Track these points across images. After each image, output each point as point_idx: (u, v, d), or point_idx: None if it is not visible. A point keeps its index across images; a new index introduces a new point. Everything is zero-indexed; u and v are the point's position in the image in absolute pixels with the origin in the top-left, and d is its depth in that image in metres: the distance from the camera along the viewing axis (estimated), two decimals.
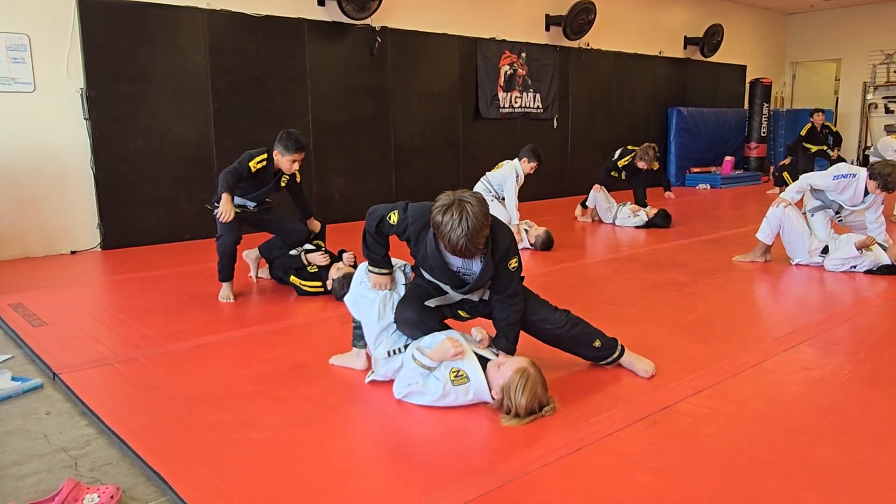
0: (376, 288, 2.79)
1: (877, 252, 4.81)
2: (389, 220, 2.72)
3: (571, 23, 9.46)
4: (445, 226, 2.44)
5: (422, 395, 2.55)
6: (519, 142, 9.33)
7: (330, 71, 7.38)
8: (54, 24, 5.76)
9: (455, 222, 2.42)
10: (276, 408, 2.59)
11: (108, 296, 4.59)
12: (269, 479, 2.05)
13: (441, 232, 2.47)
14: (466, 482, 2.02)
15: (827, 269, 4.93)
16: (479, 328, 2.77)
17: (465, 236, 2.41)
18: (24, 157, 5.73)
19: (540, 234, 5.84)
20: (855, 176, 4.87)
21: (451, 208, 2.45)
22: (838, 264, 4.88)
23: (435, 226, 2.50)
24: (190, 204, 6.57)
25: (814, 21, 13.90)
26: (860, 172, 4.89)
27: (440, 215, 2.46)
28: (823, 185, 4.99)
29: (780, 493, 1.96)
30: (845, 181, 4.88)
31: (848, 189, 4.89)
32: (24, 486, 2.09)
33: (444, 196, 2.52)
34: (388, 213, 2.73)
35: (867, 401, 2.62)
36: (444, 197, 2.51)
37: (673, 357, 3.10)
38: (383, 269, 2.80)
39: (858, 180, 4.86)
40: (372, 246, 2.78)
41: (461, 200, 2.46)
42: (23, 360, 3.27)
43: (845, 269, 4.85)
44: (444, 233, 2.45)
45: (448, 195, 2.52)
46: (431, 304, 2.80)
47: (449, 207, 2.46)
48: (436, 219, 2.48)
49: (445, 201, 2.48)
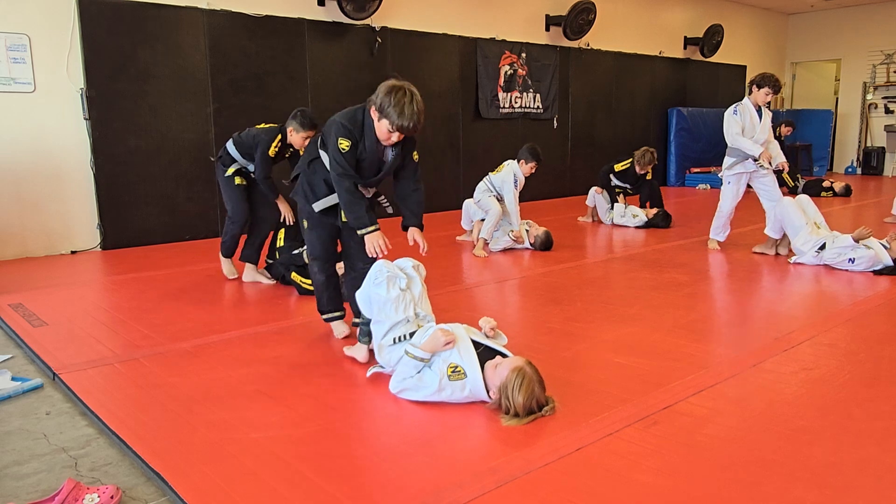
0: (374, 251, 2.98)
1: (877, 250, 4.81)
2: (343, 148, 2.92)
3: (571, 23, 9.46)
4: (397, 104, 2.76)
5: (417, 391, 2.56)
6: (519, 142, 9.32)
7: (330, 71, 7.38)
8: (54, 24, 5.76)
9: (407, 100, 2.77)
10: (276, 408, 2.59)
11: (108, 296, 4.59)
12: (269, 479, 2.05)
13: (389, 111, 2.78)
14: (466, 482, 2.02)
15: (825, 262, 4.96)
16: (487, 318, 2.80)
17: (418, 112, 2.80)
18: (24, 157, 5.73)
19: (539, 235, 5.84)
20: (740, 101, 5.48)
21: (398, 90, 2.79)
22: (835, 255, 4.91)
23: (381, 107, 2.81)
24: (190, 204, 6.57)
25: (814, 21, 13.91)
26: (743, 100, 5.48)
27: (389, 96, 2.78)
28: (734, 128, 5.40)
29: (779, 493, 1.96)
30: (738, 108, 5.44)
31: (745, 114, 5.41)
32: (24, 486, 2.09)
33: (386, 83, 2.84)
34: (336, 147, 2.92)
35: (867, 401, 2.62)
36: (386, 84, 2.83)
37: (673, 357, 3.10)
38: (373, 226, 2.98)
39: (747, 103, 5.44)
40: (350, 200, 2.96)
41: (405, 85, 2.81)
42: (23, 360, 3.27)
43: (843, 262, 4.87)
44: (395, 110, 2.77)
45: (389, 82, 2.84)
46: (317, 209, 3.13)
47: (397, 89, 2.79)
48: (384, 100, 2.79)
49: (391, 85, 2.81)
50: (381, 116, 2.85)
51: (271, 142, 4.35)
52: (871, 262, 4.79)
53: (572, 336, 3.48)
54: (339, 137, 2.93)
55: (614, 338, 3.42)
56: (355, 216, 2.99)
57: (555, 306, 4.05)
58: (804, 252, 5.08)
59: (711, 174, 11.31)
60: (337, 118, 2.99)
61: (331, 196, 3.12)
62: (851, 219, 7.65)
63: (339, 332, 3.40)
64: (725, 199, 5.73)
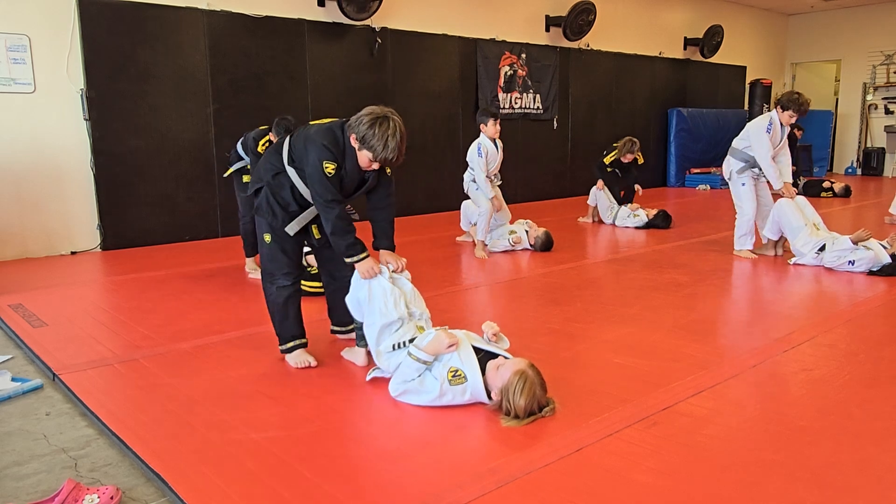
0: (368, 277, 2.81)
1: (876, 250, 4.81)
2: (328, 171, 2.77)
3: (571, 23, 9.46)
4: (381, 136, 2.68)
5: (418, 395, 2.56)
6: (519, 142, 9.36)
7: (330, 71, 7.38)
8: (54, 24, 5.76)
9: (391, 132, 2.70)
10: (276, 408, 2.59)
11: (108, 296, 4.59)
12: (269, 479, 2.05)
13: (373, 143, 2.69)
14: (466, 482, 2.02)
15: (825, 265, 4.95)
16: (490, 323, 2.80)
17: (401, 142, 2.72)
18: (24, 157, 5.73)
19: (539, 235, 5.83)
20: (768, 114, 5.33)
21: (382, 120, 2.71)
22: (835, 258, 4.90)
23: (364, 138, 2.71)
24: (190, 204, 6.57)
25: (814, 22, 13.91)
26: (770, 113, 5.34)
27: (372, 128, 2.69)
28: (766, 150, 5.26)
29: (780, 493, 1.96)
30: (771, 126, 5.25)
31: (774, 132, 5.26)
32: (24, 486, 2.09)
33: (369, 110, 2.76)
34: (321, 171, 2.76)
35: (867, 401, 2.62)
36: (368, 113, 2.74)
37: (673, 357, 3.10)
38: (362, 253, 2.83)
39: (776, 119, 5.27)
40: (341, 228, 2.80)
41: (388, 113, 2.74)
42: (23, 361, 3.27)
43: (844, 265, 4.86)
44: (377, 142, 2.68)
45: (372, 109, 2.76)
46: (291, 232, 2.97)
47: (381, 120, 2.71)
48: (366, 132, 2.70)
49: (374, 114, 2.73)
50: (362, 146, 2.74)
51: (259, 139, 4.65)
52: (871, 263, 4.79)
53: (572, 336, 3.47)
54: (323, 160, 2.75)
55: (614, 338, 3.42)
56: (346, 244, 2.81)
57: (555, 307, 4.05)
58: (804, 253, 5.08)
59: (711, 175, 11.31)
60: (316, 138, 2.80)
61: (303, 214, 2.96)
62: (851, 220, 7.65)
63: (304, 362, 3.02)
64: (745, 201, 5.47)
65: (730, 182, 5.60)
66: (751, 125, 5.38)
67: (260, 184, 2.99)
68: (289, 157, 2.91)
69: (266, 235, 2.98)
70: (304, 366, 3.00)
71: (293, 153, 2.90)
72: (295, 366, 3.00)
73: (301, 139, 2.89)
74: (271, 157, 2.99)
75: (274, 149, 3.01)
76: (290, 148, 2.92)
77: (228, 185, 6.76)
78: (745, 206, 5.47)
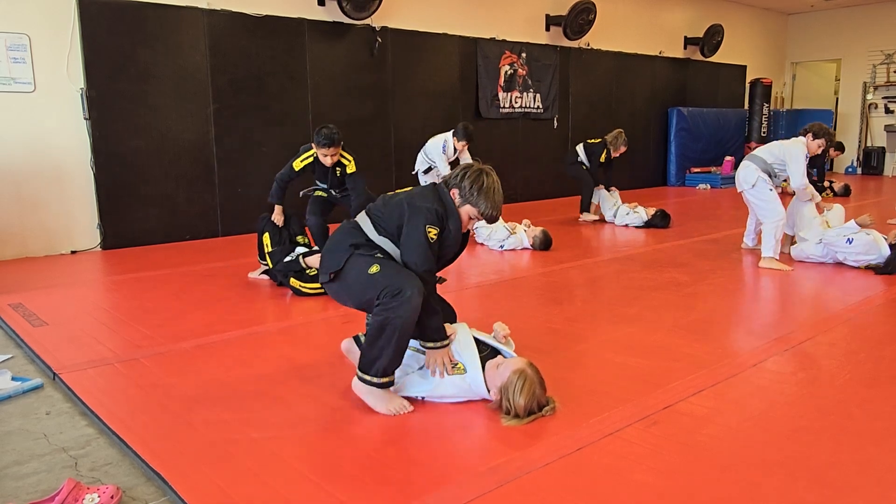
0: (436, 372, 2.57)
1: (875, 237, 4.89)
2: (431, 236, 2.50)
3: (571, 23, 9.45)
4: (487, 191, 2.55)
5: (419, 386, 2.57)
6: (519, 142, 9.37)
7: (330, 71, 7.38)
8: (54, 24, 5.76)
9: (495, 187, 2.59)
10: (276, 408, 2.59)
11: (108, 296, 4.59)
12: (270, 479, 2.05)
13: (478, 200, 2.55)
14: (466, 482, 2.02)
15: (826, 243, 5.04)
16: (502, 324, 2.82)
17: (501, 200, 2.62)
18: (24, 157, 5.73)
19: (538, 235, 5.84)
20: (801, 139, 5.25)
21: (485, 175, 2.59)
22: (835, 235, 4.99)
23: (467, 193, 2.56)
24: (190, 204, 6.57)
25: (814, 21, 13.90)
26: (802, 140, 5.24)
27: (476, 183, 2.55)
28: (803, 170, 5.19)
29: (779, 493, 1.96)
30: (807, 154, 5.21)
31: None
32: (24, 486, 2.09)
33: (466, 165, 2.63)
34: (425, 238, 2.48)
35: (867, 401, 2.62)
36: (469, 168, 2.61)
37: (673, 357, 3.10)
38: (445, 340, 2.56)
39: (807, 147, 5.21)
40: (431, 305, 2.48)
41: (487, 169, 2.61)
42: (23, 360, 3.27)
43: (842, 243, 4.93)
44: (485, 199, 2.55)
45: (470, 165, 2.64)
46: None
47: (484, 174, 2.59)
48: (471, 187, 2.55)
49: (475, 169, 2.60)
50: (464, 202, 2.56)
51: (301, 154, 4.72)
52: (868, 246, 4.84)
53: (572, 336, 3.47)
54: (427, 225, 2.47)
55: (614, 338, 3.42)
56: (436, 326, 2.53)
57: (555, 306, 4.05)
58: (807, 239, 5.17)
59: (711, 174, 11.32)
60: (416, 202, 2.51)
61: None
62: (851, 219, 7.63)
63: (402, 407, 2.51)
64: (776, 203, 5.15)
65: (752, 189, 5.25)
66: (789, 149, 5.17)
67: (338, 267, 2.54)
68: (375, 228, 2.58)
69: (373, 267, 2.47)
70: (403, 412, 2.47)
71: (381, 224, 2.58)
72: (387, 413, 2.46)
73: (390, 207, 2.59)
74: (349, 236, 2.60)
75: (350, 227, 2.66)
76: (373, 220, 2.60)
77: (228, 184, 6.78)
78: (778, 208, 5.14)
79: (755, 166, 5.25)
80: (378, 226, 2.58)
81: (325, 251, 2.66)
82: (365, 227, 2.61)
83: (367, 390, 2.49)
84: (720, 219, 7.73)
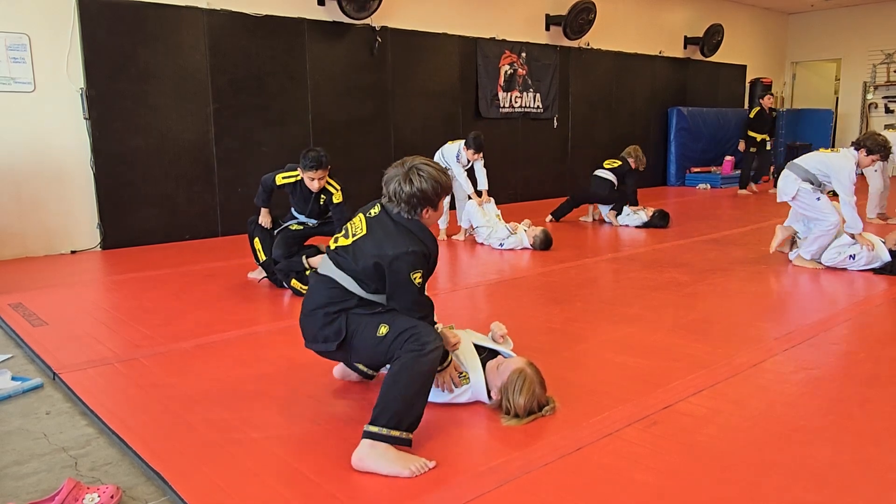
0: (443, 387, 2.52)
1: (875, 244, 4.83)
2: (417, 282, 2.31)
3: (571, 23, 9.45)
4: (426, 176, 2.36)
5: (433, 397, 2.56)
6: (519, 141, 9.37)
7: (330, 70, 7.38)
8: (54, 24, 5.76)
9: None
10: (276, 408, 2.59)
11: (108, 296, 4.59)
12: (269, 479, 2.05)
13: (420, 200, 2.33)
14: (466, 482, 2.02)
15: (824, 262, 4.95)
16: (499, 324, 2.82)
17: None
18: (24, 157, 5.73)
19: (538, 234, 5.84)
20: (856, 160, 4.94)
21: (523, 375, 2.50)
22: (835, 254, 4.90)
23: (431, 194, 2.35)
24: (190, 204, 6.57)
25: (814, 21, 13.90)
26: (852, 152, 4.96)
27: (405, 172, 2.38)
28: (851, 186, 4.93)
29: (779, 493, 1.96)
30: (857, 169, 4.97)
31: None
32: (24, 485, 2.09)
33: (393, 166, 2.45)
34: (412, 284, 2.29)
35: (867, 401, 2.62)
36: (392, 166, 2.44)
37: (673, 357, 3.10)
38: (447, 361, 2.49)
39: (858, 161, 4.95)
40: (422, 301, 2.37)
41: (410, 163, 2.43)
42: (23, 360, 3.27)
43: (845, 260, 4.86)
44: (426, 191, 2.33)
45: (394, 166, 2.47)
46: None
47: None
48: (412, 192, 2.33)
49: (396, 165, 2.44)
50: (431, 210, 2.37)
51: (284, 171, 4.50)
52: (871, 258, 4.80)
53: (572, 336, 3.48)
54: (412, 273, 2.26)
55: (614, 338, 3.42)
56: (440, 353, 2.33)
57: (555, 306, 4.05)
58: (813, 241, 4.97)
59: (711, 174, 11.32)
60: (392, 252, 2.25)
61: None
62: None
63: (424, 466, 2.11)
64: (829, 209, 4.93)
65: (794, 202, 5.05)
66: (836, 162, 4.91)
67: (340, 338, 2.35)
68: (361, 286, 2.34)
69: (381, 328, 2.27)
70: (424, 471, 2.09)
71: (364, 280, 2.33)
72: (410, 474, 2.06)
73: (362, 261, 2.33)
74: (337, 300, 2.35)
75: (329, 287, 2.37)
76: (354, 278, 2.34)
77: (228, 184, 6.78)
78: (829, 217, 4.91)
79: (794, 176, 5.01)
80: (362, 282, 2.34)
81: (313, 321, 2.39)
82: (347, 284, 2.35)
83: (382, 455, 2.09)
84: (720, 219, 7.73)
